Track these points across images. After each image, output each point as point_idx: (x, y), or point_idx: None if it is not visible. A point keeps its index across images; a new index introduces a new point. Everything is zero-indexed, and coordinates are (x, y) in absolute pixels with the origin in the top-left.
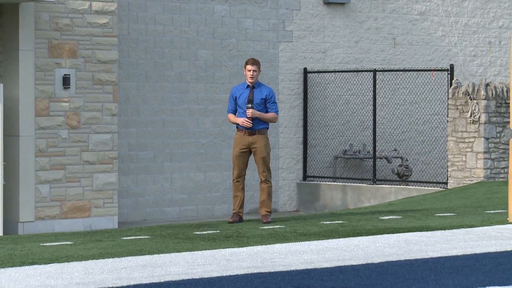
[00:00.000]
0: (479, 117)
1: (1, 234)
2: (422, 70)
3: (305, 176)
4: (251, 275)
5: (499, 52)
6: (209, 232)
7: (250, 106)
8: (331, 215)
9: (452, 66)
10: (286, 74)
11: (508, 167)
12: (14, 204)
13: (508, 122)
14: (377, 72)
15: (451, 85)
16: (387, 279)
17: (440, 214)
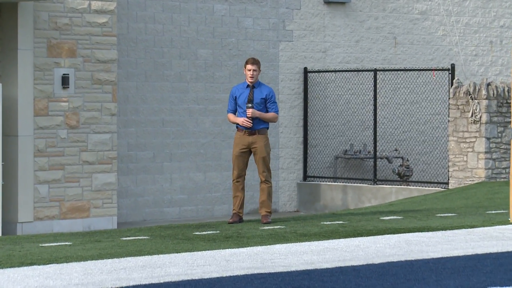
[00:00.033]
0: (480, 117)
1: None
2: (423, 70)
3: (305, 176)
4: (251, 275)
5: (500, 52)
6: (209, 232)
7: (250, 105)
8: (331, 215)
9: (453, 66)
10: (286, 73)
11: (509, 167)
12: (13, 204)
13: (510, 122)
14: (377, 72)
15: (452, 84)
16: (388, 280)
17: (441, 215)
